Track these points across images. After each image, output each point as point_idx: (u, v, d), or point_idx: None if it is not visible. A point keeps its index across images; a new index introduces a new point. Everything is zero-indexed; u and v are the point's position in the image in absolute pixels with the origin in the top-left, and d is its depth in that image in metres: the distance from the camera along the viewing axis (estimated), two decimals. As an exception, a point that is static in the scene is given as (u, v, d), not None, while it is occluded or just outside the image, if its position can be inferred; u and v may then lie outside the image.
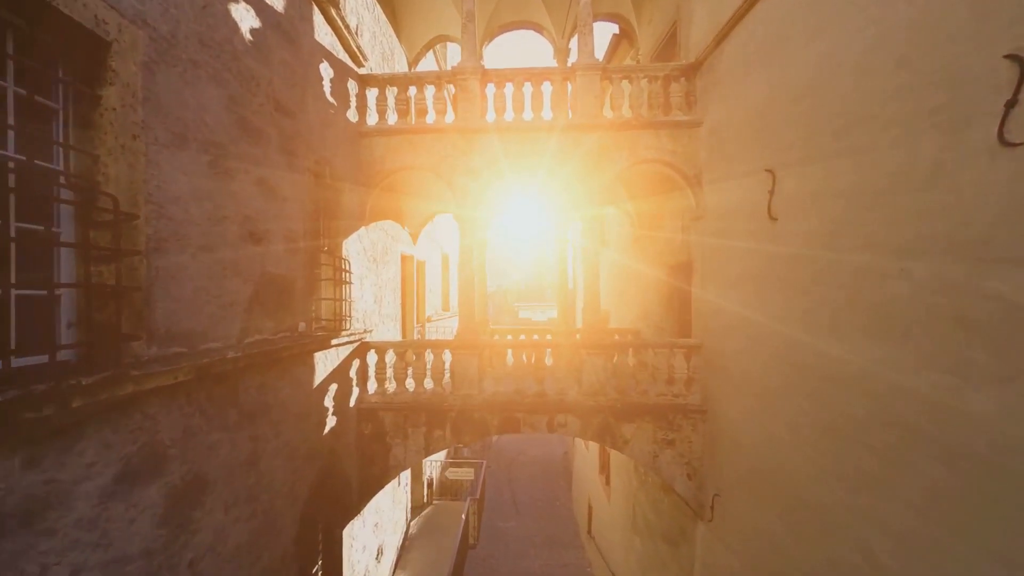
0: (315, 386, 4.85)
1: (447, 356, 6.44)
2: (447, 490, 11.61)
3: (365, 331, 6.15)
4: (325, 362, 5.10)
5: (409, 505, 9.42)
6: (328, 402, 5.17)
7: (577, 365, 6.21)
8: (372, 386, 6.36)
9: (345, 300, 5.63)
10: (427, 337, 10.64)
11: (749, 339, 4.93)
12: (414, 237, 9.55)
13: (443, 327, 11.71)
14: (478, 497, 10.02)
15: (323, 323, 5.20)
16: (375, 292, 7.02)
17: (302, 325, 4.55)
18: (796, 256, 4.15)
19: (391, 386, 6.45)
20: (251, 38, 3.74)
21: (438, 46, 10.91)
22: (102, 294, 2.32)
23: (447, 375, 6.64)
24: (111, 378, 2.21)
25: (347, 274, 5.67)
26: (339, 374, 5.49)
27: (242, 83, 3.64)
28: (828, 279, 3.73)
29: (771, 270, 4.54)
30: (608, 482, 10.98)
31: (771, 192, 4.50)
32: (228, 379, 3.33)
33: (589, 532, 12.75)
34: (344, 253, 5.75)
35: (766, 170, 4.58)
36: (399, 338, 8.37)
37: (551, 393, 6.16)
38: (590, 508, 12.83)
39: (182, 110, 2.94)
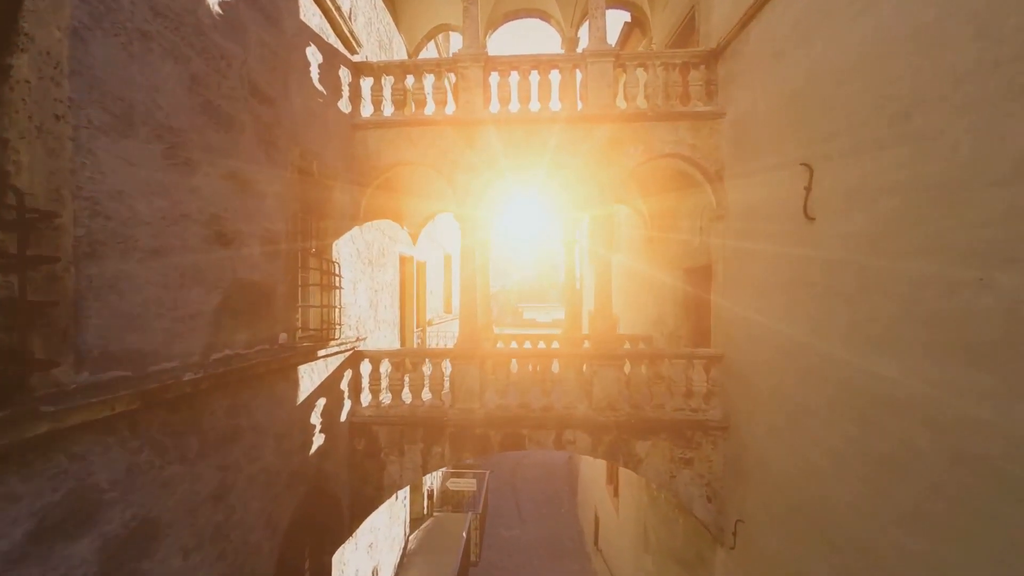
0: (299, 402, 4.40)
1: (446, 366, 5.98)
2: (448, 500, 11.16)
3: (358, 339, 5.70)
4: (311, 375, 4.65)
5: (408, 519, 8.97)
6: (315, 419, 4.72)
7: (587, 377, 5.74)
8: (366, 398, 5.91)
9: (335, 306, 5.18)
10: (428, 341, 10.19)
11: (779, 352, 4.44)
12: (414, 237, 9.09)
13: (444, 332, 11.25)
14: (480, 512, 9.53)
15: (309, 332, 4.75)
16: (370, 296, 6.57)
17: (283, 336, 4.10)
18: (838, 261, 3.65)
19: (386, 398, 6.00)
20: (220, 11, 3.28)
21: (440, 37, 10.45)
22: (5, 311, 1.87)
23: (446, 386, 6.20)
24: (12, 418, 1.76)
25: (337, 278, 5.22)
26: (328, 387, 5.04)
27: (208, 62, 3.18)
28: (879, 288, 3.23)
29: (807, 276, 4.04)
30: (616, 493, 10.49)
31: (807, 189, 4.00)
32: (187, 404, 2.88)
33: (596, 543, 12.27)
34: (335, 255, 5.30)
35: (802, 164, 4.08)
36: (397, 344, 7.92)
37: (558, 407, 5.69)
38: (597, 518, 12.35)
39: (127, 89, 2.49)
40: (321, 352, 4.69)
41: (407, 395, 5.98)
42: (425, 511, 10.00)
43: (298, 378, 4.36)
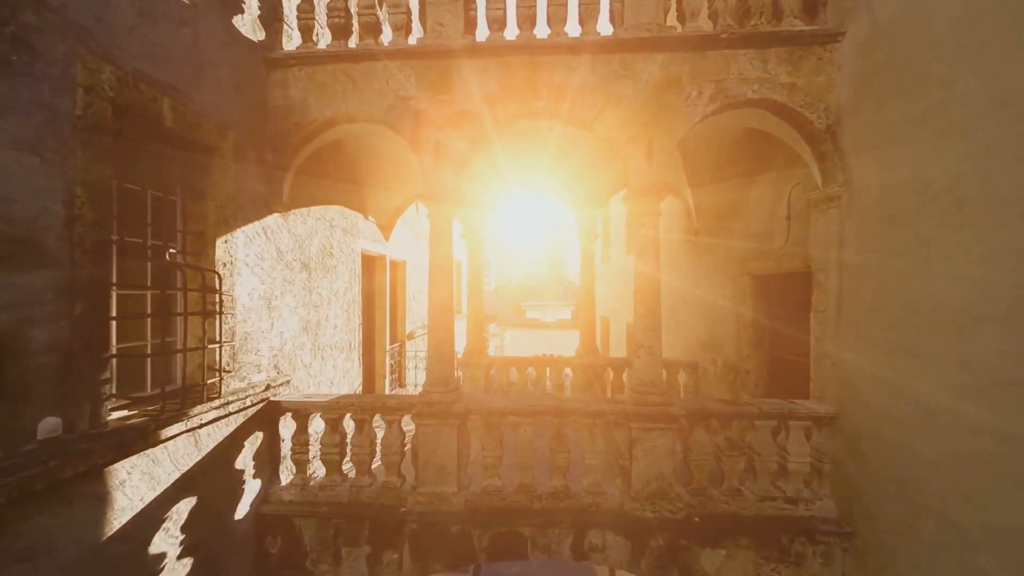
0: (110, 534, 2.41)
1: (407, 427, 3.99)
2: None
3: (268, 386, 3.71)
4: (156, 470, 2.66)
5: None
6: (163, 543, 2.74)
7: (622, 445, 3.75)
8: (287, 474, 3.94)
9: (219, 342, 3.19)
10: (406, 361, 8.22)
11: (984, 437, 2.43)
12: (385, 230, 7.07)
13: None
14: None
15: (155, 394, 2.78)
16: (305, 315, 4.58)
17: (52, 423, 2.10)
18: None
19: (319, 471, 4.03)
20: None
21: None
22: None
23: (407, 449, 4.23)
24: None
25: (220, 296, 3.21)
26: (205, 475, 3.06)
27: None
28: None
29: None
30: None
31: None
32: None
33: (611, 595, 10.33)
34: (221, 260, 3.29)
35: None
36: (355, 376, 5.95)
37: (578, 491, 3.70)
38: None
39: None
40: (173, 430, 2.70)
41: (348, 467, 4.00)
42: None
43: (107, 490, 2.37)
